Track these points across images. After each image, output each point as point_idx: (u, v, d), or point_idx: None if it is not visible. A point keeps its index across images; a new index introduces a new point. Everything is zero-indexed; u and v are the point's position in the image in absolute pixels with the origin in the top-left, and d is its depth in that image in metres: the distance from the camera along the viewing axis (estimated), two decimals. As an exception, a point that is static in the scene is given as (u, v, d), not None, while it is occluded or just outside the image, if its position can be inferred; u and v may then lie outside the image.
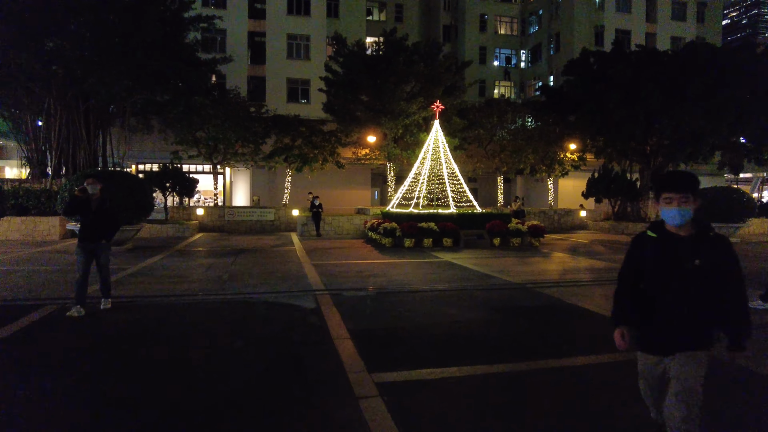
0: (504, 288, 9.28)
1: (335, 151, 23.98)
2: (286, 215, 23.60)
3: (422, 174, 19.87)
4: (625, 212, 27.40)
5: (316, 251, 15.25)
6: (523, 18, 45.79)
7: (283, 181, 29.57)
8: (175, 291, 8.71)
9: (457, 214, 17.57)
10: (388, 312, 7.25)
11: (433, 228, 16.17)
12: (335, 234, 21.11)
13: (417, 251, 15.43)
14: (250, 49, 35.24)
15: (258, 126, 23.92)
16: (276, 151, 23.40)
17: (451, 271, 11.37)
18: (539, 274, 11.10)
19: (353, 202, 29.98)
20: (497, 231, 16.61)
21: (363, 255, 14.45)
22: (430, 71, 21.41)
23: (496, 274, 10.92)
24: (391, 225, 16.44)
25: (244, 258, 13.43)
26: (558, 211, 26.76)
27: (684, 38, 40.24)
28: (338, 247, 16.65)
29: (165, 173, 20.46)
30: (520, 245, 17.09)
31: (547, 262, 13.36)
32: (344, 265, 12.15)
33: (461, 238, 16.54)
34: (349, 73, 22.13)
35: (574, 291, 9.01)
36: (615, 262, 12.93)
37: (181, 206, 23.67)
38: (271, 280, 9.81)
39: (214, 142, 22.76)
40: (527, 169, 28.63)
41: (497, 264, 12.70)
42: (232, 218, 23.06)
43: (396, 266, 12.04)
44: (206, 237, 20.25)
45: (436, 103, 19.90)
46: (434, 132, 20.15)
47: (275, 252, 15.05)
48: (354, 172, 31.71)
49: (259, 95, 34.44)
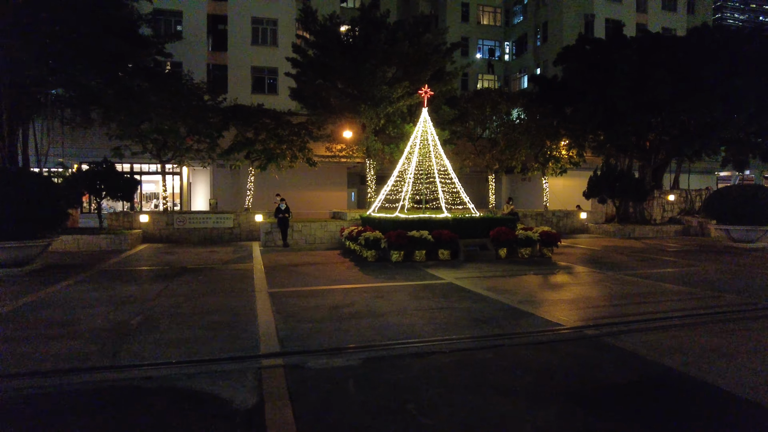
0: (557, 339, 6.17)
1: (305, 146, 20.60)
2: (248, 221, 20.11)
3: (408, 171, 16.75)
4: (626, 213, 24.91)
5: (278, 270, 11.90)
6: (507, 8, 43.25)
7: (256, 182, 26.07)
8: (34, 357, 5.32)
9: (454, 220, 14.48)
10: (393, 417, 4.02)
11: (426, 238, 13.04)
12: (306, 243, 17.77)
13: (408, 267, 12.26)
14: (211, 35, 31.48)
15: (214, 117, 20.34)
16: (235, 146, 19.87)
17: (462, 301, 8.23)
18: (586, 306, 8.06)
19: (328, 205, 26.63)
20: (504, 240, 13.59)
21: (339, 275, 11.18)
22: (416, 51, 18.27)
23: (527, 306, 7.83)
24: (374, 234, 13.22)
25: (179, 284, 10.00)
26: (556, 213, 24.04)
27: (674, 29, 38.38)
28: (308, 262, 13.33)
29: (96, 173, 16.73)
30: (530, 256, 14.12)
31: (579, 283, 10.36)
32: (313, 295, 8.87)
33: (461, 250, 13.45)
34: (322, 55, 18.83)
35: (669, 343, 5.97)
36: (664, 280, 10.03)
37: (122, 212, 19.93)
38: (199, 331, 6.46)
39: (159, 135, 19.08)
40: (518, 167, 25.83)
41: (517, 287, 9.64)
42: (183, 226, 19.45)
43: (385, 294, 8.84)
44: (149, 250, 16.64)
45: (424, 88, 16.80)
46: (422, 122, 17.05)
47: (225, 272, 11.64)
48: (328, 171, 28.34)
49: (221, 85, 30.65)
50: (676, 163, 26.55)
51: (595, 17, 36.53)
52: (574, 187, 31.99)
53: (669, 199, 24.68)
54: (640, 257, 14.74)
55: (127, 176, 17.99)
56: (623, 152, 25.33)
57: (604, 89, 22.38)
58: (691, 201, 25.26)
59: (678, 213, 24.85)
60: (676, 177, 26.64)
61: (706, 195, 25.94)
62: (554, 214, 23.98)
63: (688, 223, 23.59)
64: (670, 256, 15.07)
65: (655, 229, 22.90)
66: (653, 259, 14.41)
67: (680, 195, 25.11)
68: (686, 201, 25.19)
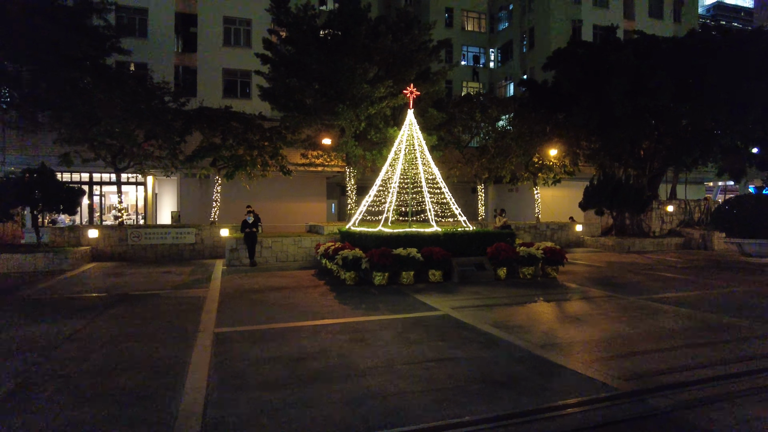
0: (616, 418, 4.27)
1: (278, 152, 18.54)
2: (213, 236, 17.92)
3: (393, 180, 14.86)
4: (623, 225, 23.43)
5: (237, 298, 9.81)
6: (492, 14, 42.07)
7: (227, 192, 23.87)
8: None
9: (445, 235, 12.59)
10: None
11: (414, 256, 11.11)
12: (276, 262, 15.68)
13: (393, 292, 10.29)
14: (180, 35, 29.36)
15: (177, 120, 18.17)
16: (199, 152, 17.70)
17: (466, 346, 6.30)
18: (626, 350, 6.19)
19: (305, 217, 24.55)
20: (503, 258, 11.73)
21: (310, 305, 9.16)
22: (400, 48, 16.48)
23: (554, 353, 5.94)
24: (353, 253, 11.24)
25: (105, 320, 7.86)
26: (551, 226, 22.38)
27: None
28: (275, 286, 11.26)
29: (31, 182, 14.41)
30: (532, 277, 12.29)
31: (601, 313, 8.52)
32: (272, 338, 6.84)
33: (454, 270, 11.55)
34: (296, 52, 16.91)
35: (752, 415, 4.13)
36: (699, 307, 8.26)
37: (68, 227, 17.56)
38: (94, 410, 4.38)
39: (111, 139, 16.83)
40: (507, 177, 24.17)
41: (530, 320, 7.75)
42: (138, 242, 17.16)
43: (366, 336, 6.86)
44: (94, 270, 14.35)
45: (410, 88, 14.99)
46: (408, 125, 15.22)
47: (172, 302, 9.51)
48: (306, 181, 26.31)
49: (190, 88, 28.52)
50: (672, 172, 25.25)
51: (583, 23, 35.53)
52: (564, 198, 30.54)
53: (668, 210, 23.29)
54: (652, 276, 13.05)
55: (71, 186, 15.70)
56: (617, 161, 23.92)
57: (600, 93, 20.97)
58: (690, 212, 23.92)
59: (677, 225, 23.47)
60: (673, 187, 25.33)
61: (705, 206, 24.71)
62: (548, 226, 22.32)
63: (689, 236, 22.19)
64: (683, 274, 13.43)
65: (655, 242, 21.42)
66: (668, 278, 12.73)
67: (679, 206, 23.76)
68: (685, 212, 23.85)
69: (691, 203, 24.27)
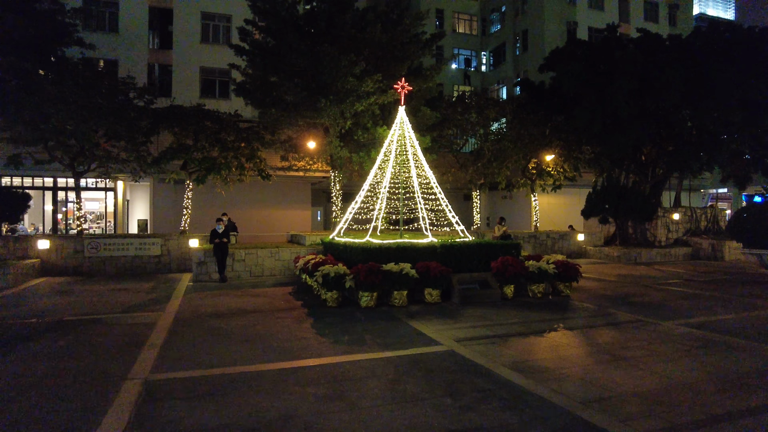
0: None
1: (255, 154, 16.78)
2: (181, 247, 16.06)
3: (382, 184, 13.21)
4: (626, 234, 21.98)
5: (192, 327, 8.02)
6: (484, 16, 40.86)
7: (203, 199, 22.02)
8: None
9: (443, 247, 10.93)
10: None
11: (408, 273, 9.42)
12: (251, 277, 13.90)
13: (384, 317, 8.59)
14: (155, 31, 27.53)
15: (142, 119, 16.34)
16: (166, 154, 15.86)
17: (483, 405, 4.61)
18: (701, 412, 4.57)
19: (289, 226, 22.75)
20: (511, 275, 10.10)
21: (279, 338, 7.41)
22: (391, 40, 14.90)
23: (606, 417, 4.28)
24: (335, 269, 9.51)
25: (13, 361, 6.05)
26: (551, 235, 20.89)
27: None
28: (243, 309, 9.48)
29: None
30: (543, 295, 10.68)
31: (641, 347, 6.90)
32: (221, 391, 5.08)
33: (455, 288, 9.89)
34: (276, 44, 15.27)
35: None
36: (756, 338, 6.71)
37: (16, 236, 15.59)
38: None
39: (67, 138, 14.94)
40: (503, 183, 22.67)
41: (557, 358, 6.10)
42: (96, 254, 15.23)
43: (346, 388, 5.14)
44: (39, 287, 12.44)
45: (401, 82, 13.40)
46: (399, 123, 13.61)
47: (111, 332, 7.69)
48: (289, 187, 24.57)
49: (166, 88, 26.71)
50: (677, 178, 23.96)
51: (578, 25, 34.45)
52: (560, 205, 29.14)
53: (674, 218, 21.94)
54: (674, 292, 11.52)
55: (15, 190, 13.79)
56: (618, 166, 22.53)
57: (603, 93, 19.60)
58: (696, 220, 22.61)
59: (683, 234, 22.12)
60: (677, 194, 24.02)
61: (712, 214, 23.43)
62: (548, 235, 20.82)
63: (698, 246, 20.84)
64: (705, 289, 11.93)
65: (662, 252, 20.02)
66: (691, 294, 11.22)
67: (685, 214, 22.43)
68: (691, 220, 22.52)
69: (698, 211, 22.97)
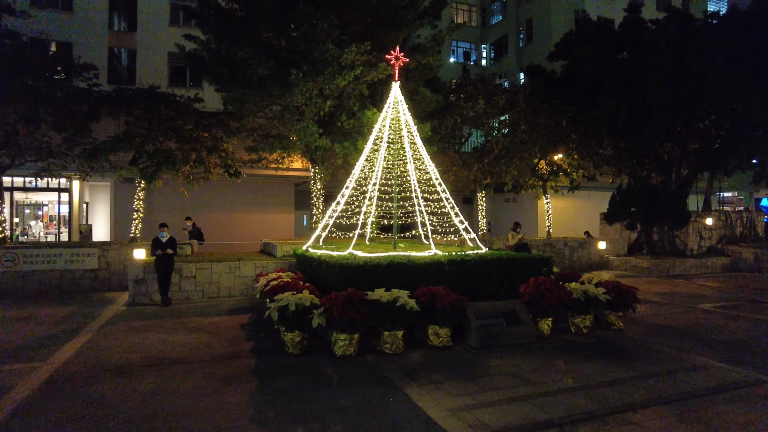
0: None
1: (219, 145, 13.81)
2: (124, 259, 12.98)
3: (372, 180, 10.28)
4: (651, 242, 19.11)
5: (67, 396, 4.98)
6: (484, 6, 38.14)
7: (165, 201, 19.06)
8: None
9: (451, 263, 7.95)
10: None
11: (404, 304, 6.45)
12: (203, 298, 10.88)
13: (367, 379, 5.60)
14: (119, 12, 24.52)
15: (81, 103, 13.30)
16: (106, 144, 12.83)
17: None
18: None
19: (270, 232, 19.65)
20: (550, 304, 7.15)
21: (197, 423, 4.42)
22: (382, 3, 12.01)
23: None
24: (297, 299, 6.48)
25: None
26: (568, 243, 18.01)
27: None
28: (163, 359, 6.47)
29: None
30: (589, 331, 7.74)
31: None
32: None
33: (472, 326, 6.93)
34: (238, 7, 12.39)
35: None
36: None
37: None
38: None
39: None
40: (510, 184, 19.80)
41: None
42: (14, 267, 12.14)
43: None
44: None
45: (394, 52, 10.49)
46: (392, 103, 10.70)
47: None
48: (269, 188, 21.58)
49: (129, 75, 23.70)
50: (707, 179, 21.20)
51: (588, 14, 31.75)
52: (570, 209, 26.30)
53: (706, 223, 19.14)
54: (754, 321, 8.65)
55: None
56: (641, 164, 19.70)
57: (630, 78, 16.83)
58: (731, 226, 19.82)
59: (717, 241, 19.32)
60: (707, 197, 21.24)
61: (748, 218, 20.64)
62: (566, 244, 17.94)
63: (737, 255, 18.04)
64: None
65: (697, 263, 17.22)
66: None
67: (719, 218, 19.64)
68: (725, 226, 19.74)
69: (733, 216, 20.20)
